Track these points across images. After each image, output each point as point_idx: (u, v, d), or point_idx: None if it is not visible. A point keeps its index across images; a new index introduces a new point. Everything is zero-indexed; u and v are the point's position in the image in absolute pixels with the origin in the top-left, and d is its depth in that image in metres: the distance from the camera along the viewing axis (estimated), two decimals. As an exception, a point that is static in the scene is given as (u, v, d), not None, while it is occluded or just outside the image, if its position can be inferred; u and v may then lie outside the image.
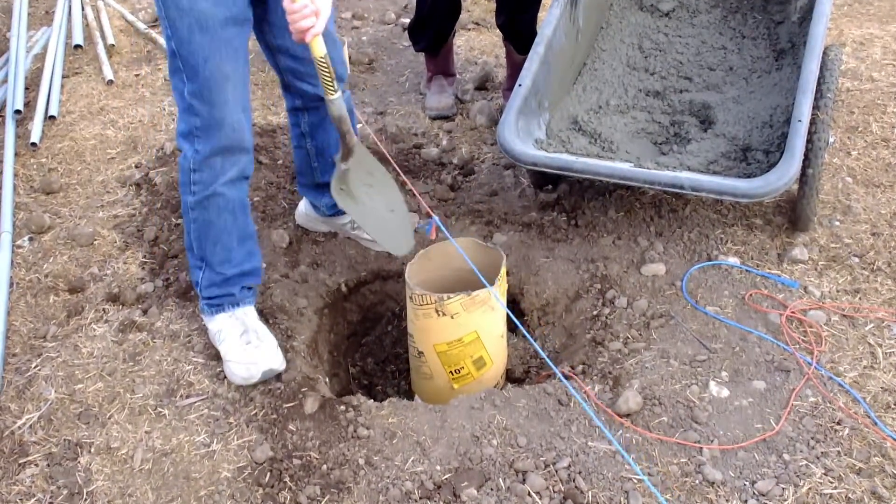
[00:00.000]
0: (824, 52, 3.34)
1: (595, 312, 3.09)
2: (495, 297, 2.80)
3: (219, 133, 2.64)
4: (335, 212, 3.41)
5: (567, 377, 2.79)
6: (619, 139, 3.48)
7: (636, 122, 3.61)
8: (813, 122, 3.09)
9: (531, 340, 2.57)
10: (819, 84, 3.19)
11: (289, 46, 2.86)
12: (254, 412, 2.68)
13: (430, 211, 3.27)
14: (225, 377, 2.81)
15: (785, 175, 2.84)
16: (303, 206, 3.54)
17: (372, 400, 2.76)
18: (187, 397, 2.76)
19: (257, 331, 2.88)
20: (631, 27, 4.08)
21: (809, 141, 3.07)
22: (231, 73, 2.59)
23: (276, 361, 2.81)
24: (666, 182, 2.98)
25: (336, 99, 2.69)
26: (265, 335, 2.88)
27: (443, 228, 2.92)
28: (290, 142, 4.05)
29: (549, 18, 3.51)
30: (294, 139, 3.28)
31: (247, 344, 2.82)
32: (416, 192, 3.46)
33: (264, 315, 3.04)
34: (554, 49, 3.48)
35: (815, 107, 3.12)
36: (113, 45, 5.13)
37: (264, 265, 3.30)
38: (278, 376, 2.81)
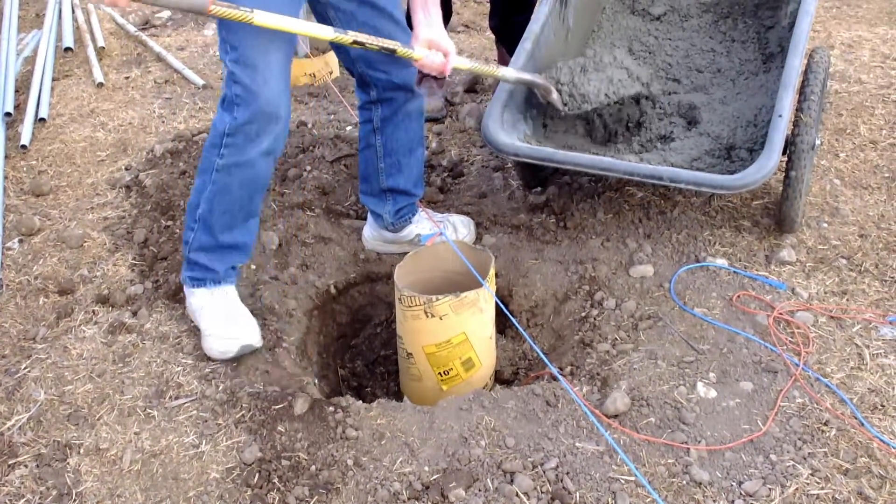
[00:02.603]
0: (810, 54, 3.36)
1: (583, 314, 3.10)
2: (488, 292, 2.81)
3: (259, 99, 2.67)
4: (397, 219, 3.38)
5: (557, 378, 2.79)
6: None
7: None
8: (796, 123, 3.11)
9: (527, 337, 2.58)
10: (803, 85, 3.21)
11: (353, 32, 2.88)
12: (242, 413, 2.68)
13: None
14: (213, 379, 2.82)
15: (763, 168, 2.87)
16: (367, 229, 3.51)
17: (361, 401, 2.76)
18: (176, 399, 2.76)
19: (236, 307, 2.94)
20: (622, 30, 4.09)
21: (793, 143, 3.09)
22: (274, 40, 2.65)
23: (254, 338, 2.88)
24: (645, 174, 3.01)
25: (503, 74, 3.14)
26: (243, 312, 2.95)
27: (449, 241, 2.96)
28: (288, 150, 4.05)
29: (537, 16, 3.53)
30: (362, 139, 3.30)
31: (225, 319, 2.87)
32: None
33: (254, 317, 3.04)
34: (541, 46, 3.49)
35: (799, 108, 3.14)
36: (103, 48, 5.14)
37: (253, 266, 3.30)
38: (267, 379, 2.82)
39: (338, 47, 3.02)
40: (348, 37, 2.73)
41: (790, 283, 3.09)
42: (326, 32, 2.71)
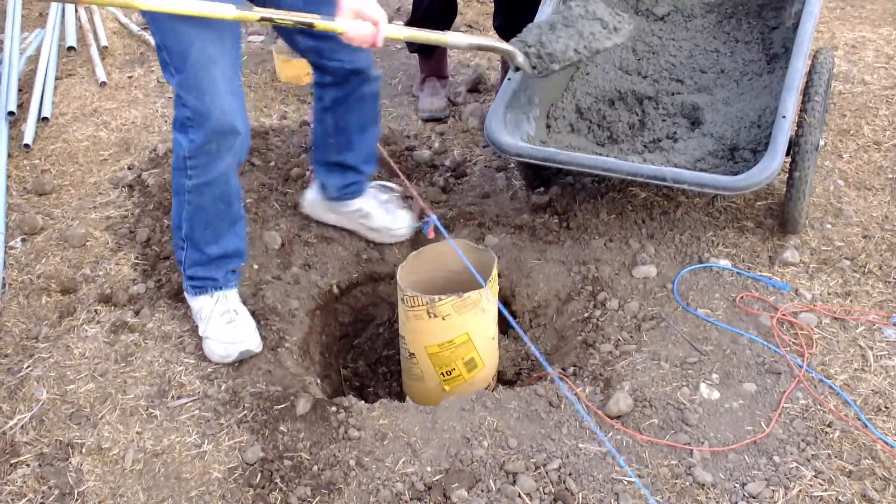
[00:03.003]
0: (814, 56, 3.35)
1: (586, 314, 3.09)
2: (489, 294, 2.80)
3: (210, 119, 2.65)
4: (342, 194, 3.41)
5: (559, 379, 2.79)
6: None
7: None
8: (800, 124, 3.10)
9: (526, 340, 2.57)
10: (807, 86, 3.20)
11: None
12: (244, 413, 2.68)
13: (426, 209, 3.28)
14: (216, 378, 2.82)
15: (767, 169, 2.87)
16: (310, 192, 3.55)
17: (363, 401, 2.76)
18: (179, 398, 2.76)
19: (237, 311, 2.95)
20: (625, 30, 4.09)
21: (796, 144, 3.08)
22: (217, 57, 2.59)
23: (254, 343, 2.90)
24: (649, 174, 3.00)
25: (449, 41, 2.80)
26: (244, 316, 2.96)
27: (440, 227, 2.93)
28: (282, 143, 4.07)
29: (540, 15, 3.52)
30: (316, 112, 3.30)
31: (226, 324, 2.89)
32: (413, 192, 3.47)
33: (256, 316, 3.05)
34: None
35: (803, 109, 3.14)
36: (106, 48, 5.13)
37: (256, 266, 3.30)
38: (269, 379, 2.82)
39: (287, 37, 2.99)
40: (254, 14, 2.57)
41: (793, 284, 3.09)
42: (228, 11, 2.50)
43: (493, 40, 3.05)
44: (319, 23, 2.57)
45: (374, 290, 3.52)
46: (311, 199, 3.55)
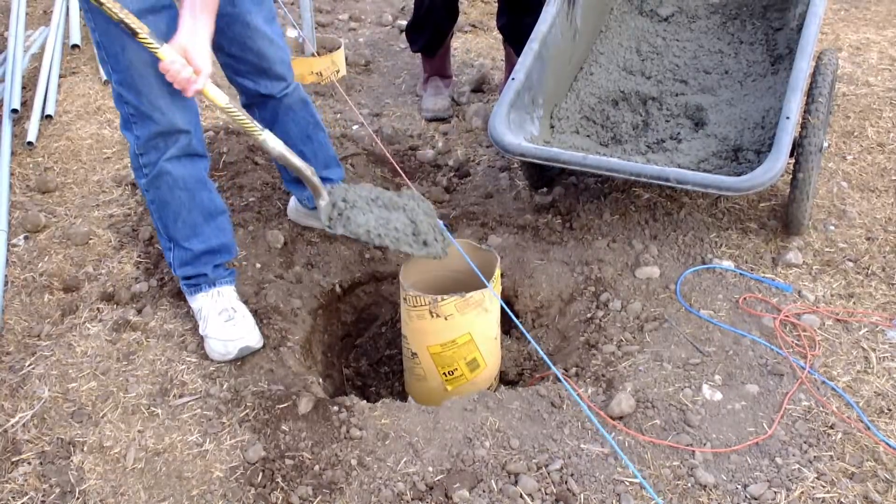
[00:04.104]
0: (818, 57, 3.35)
1: (589, 315, 3.09)
2: (492, 294, 2.80)
3: (150, 118, 2.67)
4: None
5: (563, 378, 2.79)
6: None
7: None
8: (804, 126, 3.10)
9: (529, 338, 2.57)
10: (811, 88, 3.20)
11: (223, 45, 2.90)
12: (246, 412, 2.68)
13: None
14: (218, 377, 2.82)
15: (770, 170, 2.86)
16: (293, 201, 3.57)
17: (365, 401, 2.76)
18: (180, 397, 2.76)
19: (236, 309, 2.95)
20: (630, 31, 4.09)
21: (800, 145, 3.08)
22: (151, 60, 2.54)
23: (253, 339, 2.90)
24: (652, 175, 3.00)
25: (263, 139, 2.67)
26: (243, 313, 2.96)
27: (446, 232, 2.94)
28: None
29: (544, 16, 3.52)
30: None
31: (225, 322, 2.89)
32: (416, 193, 3.47)
33: (258, 315, 3.05)
34: (549, 46, 3.49)
35: (807, 110, 3.13)
36: (110, 45, 5.13)
37: (259, 265, 3.30)
38: (271, 378, 2.82)
39: (213, 51, 2.98)
40: None
41: (797, 285, 3.08)
42: None
43: (305, 165, 2.79)
44: (143, 36, 2.44)
45: (377, 290, 3.52)
46: (293, 207, 3.58)
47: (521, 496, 2.35)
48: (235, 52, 2.91)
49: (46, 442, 2.62)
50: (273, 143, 2.71)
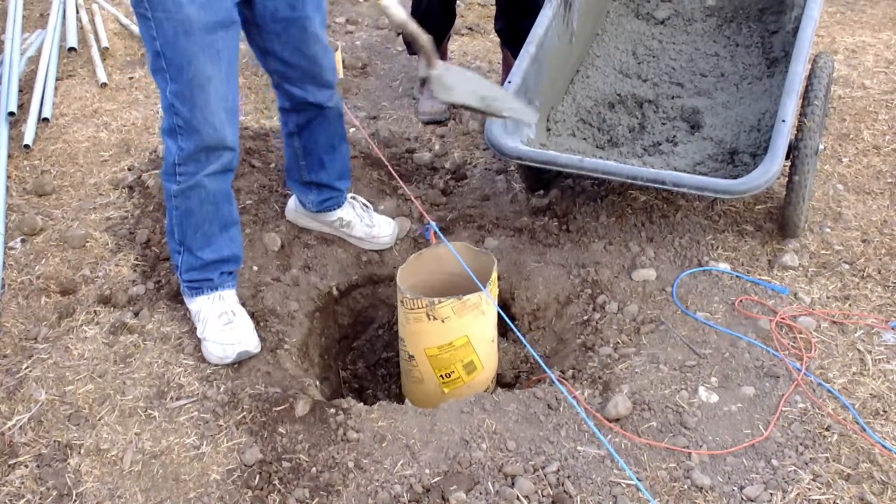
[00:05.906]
0: (814, 60, 3.36)
1: (585, 317, 3.10)
2: (488, 297, 2.80)
3: (200, 133, 2.68)
4: (321, 208, 3.43)
5: (558, 381, 2.79)
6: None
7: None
8: (800, 128, 3.11)
9: (525, 343, 2.57)
10: (807, 90, 3.21)
11: (276, 49, 2.90)
12: (243, 415, 2.68)
13: (424, 214, 3.28)
14: (215, 380, 2.82)
15: (766, 173, 2.87)
16: (292, 202, 3.57)
17: (362, 403, 2.76)
18: (177, 399, 2.76)
19: (235, 312, 2.96)
20: (626, 34, 4.10)
21: (796, 148, 3.09)
22: (213, 75, 2.61)
23: (252, 344, 2.91)
24: (648, 178, 3.00)
25: (386, 5, 2.68)
26: (242, 317, 2.96)
27: (439, 233, 2.94)
28: (282, 145, 4.07)
29: (541, 19, 3.52)
30: (284, 136, 3.33)
31: (224, 325, 2.90)
32: (410, 196, 3.47)
33: (256, 318, 3.05)
34: (546, 49, 3.49)
35: (802, 113, 3.14)
36: (107, 48, 5.13)
37: (256, 268, 3.30)
38: (268, 380, 2.82)
39: (257, 54, 3.01)
40: None
41: (793, 287, 3.09)
42: None
43: (422, 33, 2.78)
44: None
45: (374, 293, 3.52)
46: (293, 208, 3.58)
47: (518, 498, 2.35)
48: (289, 56, 2.93)
49: (43, 445, 2.62)
50: (395, 9, 2.70)
